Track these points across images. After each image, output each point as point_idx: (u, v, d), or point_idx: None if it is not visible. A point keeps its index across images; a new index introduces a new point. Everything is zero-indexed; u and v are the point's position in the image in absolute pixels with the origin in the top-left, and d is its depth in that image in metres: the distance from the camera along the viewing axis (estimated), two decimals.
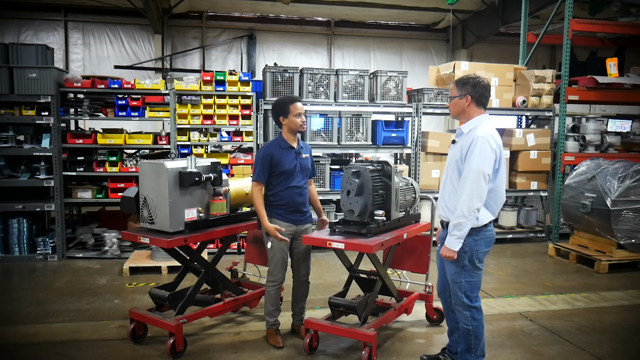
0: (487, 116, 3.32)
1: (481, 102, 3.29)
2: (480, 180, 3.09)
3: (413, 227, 4.17)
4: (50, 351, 3.93)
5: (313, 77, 6.93)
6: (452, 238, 3.18)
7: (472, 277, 3.30)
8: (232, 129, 7.03)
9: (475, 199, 3.09)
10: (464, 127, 3.30)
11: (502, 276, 6.10)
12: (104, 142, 6.53)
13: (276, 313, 4.13)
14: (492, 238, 3.35)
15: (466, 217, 3.11)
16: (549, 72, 7.82)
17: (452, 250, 3.20)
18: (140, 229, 3.99)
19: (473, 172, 3.09)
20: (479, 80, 3.29)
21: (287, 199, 3.93)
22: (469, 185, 3.10)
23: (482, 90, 3.27)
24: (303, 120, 3.95)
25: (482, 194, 3.11)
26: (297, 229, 4.02)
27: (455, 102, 3.32)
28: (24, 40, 11.95)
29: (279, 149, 3.93)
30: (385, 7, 12.60)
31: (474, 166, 3.10)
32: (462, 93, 3.28)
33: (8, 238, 6.41)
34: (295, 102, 3.94)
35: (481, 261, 3.32)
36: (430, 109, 7.40)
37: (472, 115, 3.30)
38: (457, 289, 3.32)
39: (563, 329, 4.45)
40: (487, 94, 3.30)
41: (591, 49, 9.96)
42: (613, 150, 7.99)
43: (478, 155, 3.10)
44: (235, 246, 6.59)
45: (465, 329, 3.35)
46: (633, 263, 6.35)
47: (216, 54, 13.46)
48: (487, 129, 3.19)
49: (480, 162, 3.10)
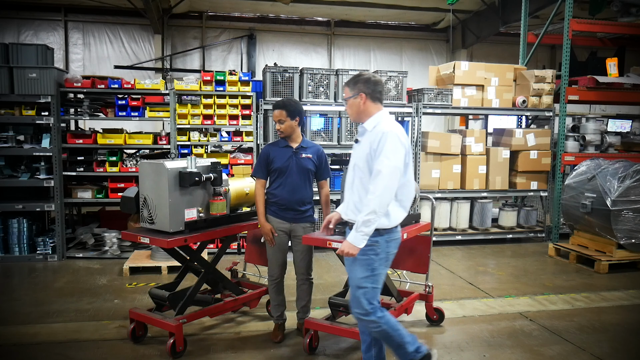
0: (387, 111, 3.23)
1: (376, 97, 3.17)
2: (393, 177, 2.97)
3: (413, 227, 4.16)
4: (50, 351, 3.93)
5: (313, 77, 6.94)
6: (359, 234, 2.95)
7: (378, 283, 3.11)
8: (232, 129, 7.03)
9: (387, 195, 2.96)
10: (367, 124, 3.17)
11: (502, 276, 6.10)
12: (104, 142, 6.53)
13: (279, 308, 4.17)
14: (400, 240, 3.24)
15: (376, 214, 2.94)
16: (549, 72, 7.82)
17: (354, 247, 2.97)
18: (140, 229, 3.99)
19: (388, 167, 2.96)
20: (369, 77, 3.19)
21: (280, 196, 4.00)
22: (383, 182, 2.95)
23: (373, 86, 3.16)
24: (278, 127, 4.01)
25: (393, 190, 3.00)
26: (291, 227, 4.05)
27: (351, 103, 3.20)
28: (24, 40, 11.95)
29: (277, 148, 4.06)
30: (385, 7, 12.60)
31: (387, 162, 2.97)
32: (355, 92, 3.16)
33: (8, 238, 6.41)
34: (274, 109, 4.05)
35: (387, 266, 3.16)
36: (430, 109, 7.40)
37: (371, 112, 3.17)
38: (362, 295, 3.06)
39: (563, 329, 4.45)
40: (379, 88, 3.19)
41: (591, 49, 9.96)
42: (613, 150, 7.99)
43: (390, 150, 2.99)
44: (235, 246, 6.57)
45: (379, 332, 3.10)
46: (633, 263, 6.35)
47: (216, 54, 13.46)
48: (391, 124, 3.10)
49: (393, 157, 2.99)
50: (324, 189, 4.17)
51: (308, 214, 4.12)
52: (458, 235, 7.56)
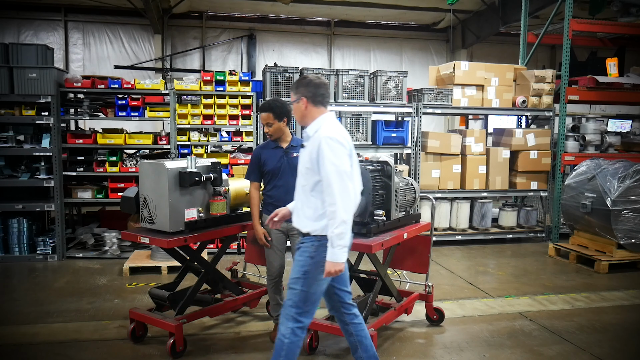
0: (330, 115, 3.10)
1: (318, 100, 3.07)
2: (345, 180, 2.85)
3: (413, 227, 4.17)
4: (50, 351, 3.93)
5: None
6: (337, 249, 2.83)
7: (309, 288, 2.96)
8: (232, 129, 7.03)
9: (347, 200, 2.85)
10: (309, 129, 3.08)
11: (502, 276, 6.10)
12: (104, 142, 6.53)
13: (278, 308, 4.15)
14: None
15: (346, 223, 2.82)
16: (549, 72, 7.82)
17: (337, 264, 2.84)
18: (140, 229, 3.99)
19: (334, 174, 2.83)
20: (310, 79, 3.11)
21: (275, 197, 4.01)
22: (336, 188, 2.82)
23: (314, 89, 3.07)
24: (266, 130, 4.02)
25: (350, 193, 2.88)
26: (288, 226, 4.01)
27: (294, 108, 3.15)
28: (24, 40, 11.94)
29: (268, 149, 4.08)
30: (385, 7, 12.60)
31: (333, 167, 2.84)
32: (297, 96, 3.11)
33: (8, 238, 6.41)
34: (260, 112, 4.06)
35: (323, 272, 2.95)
36: (430, 109, 7.40)
37: (314, 116, 3.08)
38: (291, 296, 2.98)
39: (563, 329, 4.45)
40: (322, 91, 3.09)
41: (591, 49, 9.97)
42: (613, 150, 7.99)
43: (333, 155, 2.85)
44: (235, 246, 6.57)
45: (279, 342, 2.97)
46: (633, 263, 6.34)
47: (216, 54, 13.46)
48: (331, 128, 2.98)
49: (337, 161, 2.85)
50: None
51: None
52: (458, 235, 7.56)
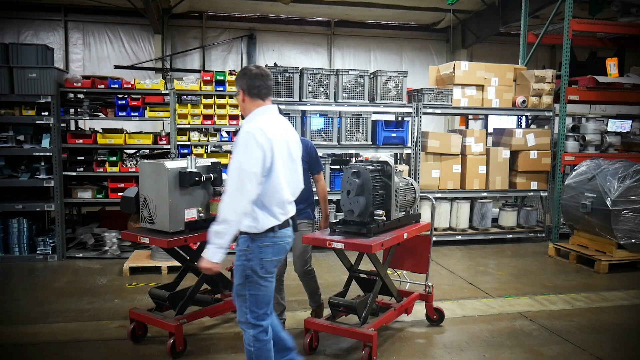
0: (265, 108, 2.96)
1: (254, 93, 2.93)
2: (244, 180, 2.69)
3: (413, 227, 4.17)
4: (50, 351, 3.93)
5: (313, 77, 6.94)
6: (212, 247, 2.73)
7: (258, 290, 2.87)
8: (232, 129, 7.03)
9: (239, 202, 2.69)
10: (243, 123, 2.99)
11: (502, 276, 6.10)
12: (104, 142, 6.52)
13: (278, 307, 4.16)
14: (283, 246, 2.95)
15: (229, 223, 2.68)
16: (549, 72, 7.82)
17: (211, 262, 2.75)
18: (140, 229, 3.99)
19: (235, 171, 2.71)
20: (248, 71, 2.97)
21: None
22: (230, 187, 2.71)
23: (250, 80, 2.93)
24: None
25: (247, 195, 2.70)
26: None
27: (238, 101, 3.04)
28: (24, 40, 11.95)
29: None
30: (385, 7, 12.60)
31: (235, 164, 2.72)
32: (237, 89, 3.00)
33: (8, 238, 6.41)
34: None
35: (269, 272, 2.90)
36: (430, 109, 7.40)
37: (250, 109, 2.96)
38: (242, 303, 2.89)
39: (563, 329, 4.45)
40: (257, 83, 2.93)
41: (591, 49, 9.96)
42: (613, 150, 7.99)
43: (241, 152, 2.72)
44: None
45: (247, 352, 2.91)
46: (633, 263, 6.34)
47: (216, 54, 13.46)
48: (258, 122, 2.83)
49: (243, 159, 2.71)
50: (319, 182, 4.16)
51: (306, 211, 4.12)
52: (458, 235, 7.56)
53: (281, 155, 2.88)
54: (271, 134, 2.82)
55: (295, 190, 3.07)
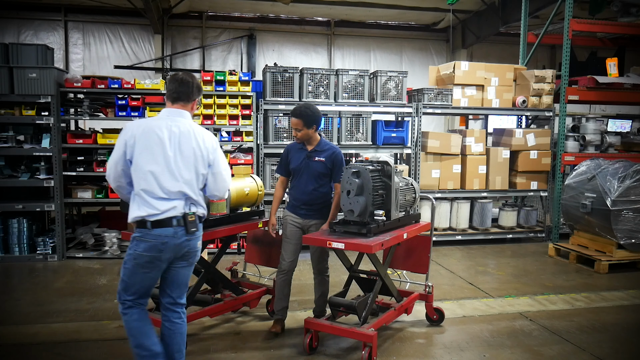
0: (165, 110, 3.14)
1: (170, 96, 3.15)
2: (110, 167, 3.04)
3: (413, 227, 4.17)
4: (50, 351, 3.93)
5: (313, 77, 6.94)
6: None
7: (126, 276, 3.03)
8: (232, 129, 7.03)
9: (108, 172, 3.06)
10: None
11: (502, 276, 6.10)
12: (104, 142, 6.52)
13: (281, 303, 4.22)
14: (156, 245, 2.95)
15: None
16: (549, 72, 7.82)
17: None
18: None
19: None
20: (170, 76, 3.22)
21: (293, 194, 4.22)
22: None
23: (166, 84, 3.24)
24: (295, 134, 4.12)
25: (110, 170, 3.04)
26: (303, 222, 4.18)
27: None
28: (24, 40, 11.95)
29: (295, 148, 4.23)
30: (385, 7, 12.60)
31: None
32: None
33: (8, 238, 6.41)
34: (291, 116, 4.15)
35: (141, 266, 2.96)
36: (430, 109, 7.40)
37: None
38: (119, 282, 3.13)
39: (563, 329, 4.45)
40: (169, 86, 3.13)
41: (591, 49, 9.97)
42: (613, 150, 7.99)
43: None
44: (235, 246, 6.58)
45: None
46: (633, 263, 6.34)
47: (216, 54, 13.46)
48: (138, 121, 3.09)
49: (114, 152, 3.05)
50: (337, 190, 4.17)
51: (322, 212, 4.16)
52: (458, 235, 7.56)
53: (149, 149, 2.97)
54: (140, 129, 3.00)
55: (174, 188, 2.99)
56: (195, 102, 3.25)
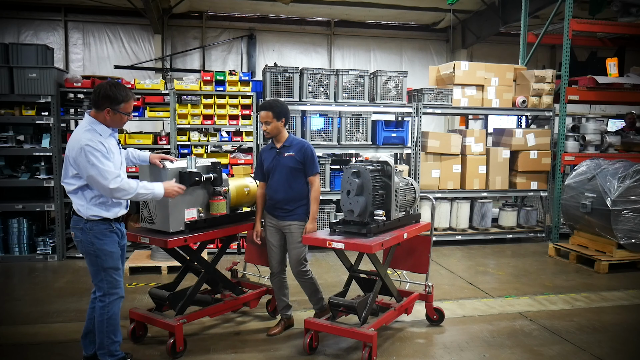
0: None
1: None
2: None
3: (413, 227, 4.17)
4: (50, 351, 3.93)
5: (313, 77, 6.94)
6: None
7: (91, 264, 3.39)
8: (232, 129, 7.03)
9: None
10: None
11: (502, 276, 6.10)
12: None
13: (281, 302, 4.26)
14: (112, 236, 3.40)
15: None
16: (549, 72, 7.82)
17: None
18: (140, 229, 3.98)
19: None
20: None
21: (268, 194, 4.19)
22: None
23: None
24: (264, 128, 4.09)
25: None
26: (279, 224, 4.14)
27: None
28: (24, 40, 11.94)
29: (267, 150, 4.22)
30: (385, 7, 12.60)
31: None
32: None
33: (8, 238, 6.41)
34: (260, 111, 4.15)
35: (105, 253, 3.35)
36: (430, 109, 7.40)
37: None
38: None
39: (563, 329, 4.45)
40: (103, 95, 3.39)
41: (591, 49, 9.97)
42: (613, 150, 7.99)
43: None
44: (235, 246, 6.57)
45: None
46: (633, 263, 6.34)
47: (216, 54, 13.46)
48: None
49: None
50: (313, 185, 4.10)
51: (297, 212, 4.10)
52: (458, 235, 7.56)
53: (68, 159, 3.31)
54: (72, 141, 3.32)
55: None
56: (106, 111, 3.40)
